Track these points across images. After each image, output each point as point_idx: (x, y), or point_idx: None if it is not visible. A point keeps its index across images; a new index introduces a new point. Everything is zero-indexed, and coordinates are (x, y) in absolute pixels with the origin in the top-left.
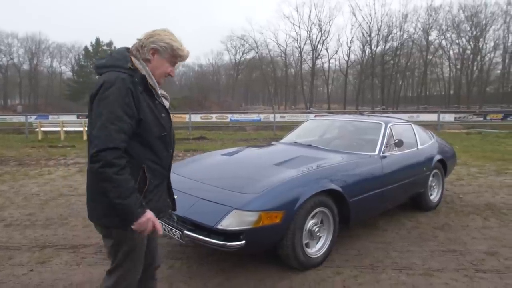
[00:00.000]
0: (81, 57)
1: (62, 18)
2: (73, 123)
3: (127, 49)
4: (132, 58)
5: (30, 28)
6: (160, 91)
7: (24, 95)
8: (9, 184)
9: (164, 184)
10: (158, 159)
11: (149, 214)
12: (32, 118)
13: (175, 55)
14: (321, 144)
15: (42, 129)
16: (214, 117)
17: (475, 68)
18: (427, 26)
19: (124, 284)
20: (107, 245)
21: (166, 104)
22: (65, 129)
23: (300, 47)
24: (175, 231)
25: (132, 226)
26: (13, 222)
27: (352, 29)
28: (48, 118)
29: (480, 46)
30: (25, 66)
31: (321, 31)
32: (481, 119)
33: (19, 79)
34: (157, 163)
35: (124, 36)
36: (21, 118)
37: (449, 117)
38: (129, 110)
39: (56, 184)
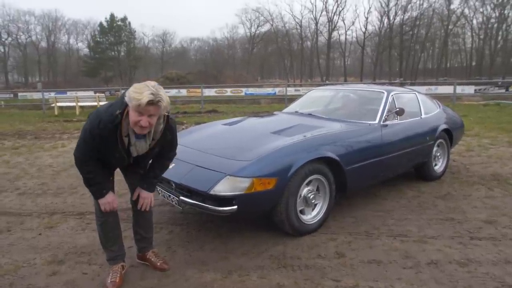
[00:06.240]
0: (97, 33)
1: None
2: (87, 98)
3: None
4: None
5: (46, 6)
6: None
7: (43, 73)
8: (25, 156)
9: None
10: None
11: (105, 200)
12: (52, 95)
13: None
14: (322, 113)
15: (58, 104)
16: (229, 91)
17: (499, 38)
18: None
19: (101, 233)
20: None
21: (142, 146)
22: (80, 104)
23: (316, 19)
24: (173, 198)
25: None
26: (26, 191)
27: None
28: (66, 94)
29: (506, 14)
30: (43, 44)
31: (337, 1)
32: (503, 91)
33: (38, 57)
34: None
35: (138, 10)
36: (41, 95)
37: (469, 89)
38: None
39: (69, 156)
